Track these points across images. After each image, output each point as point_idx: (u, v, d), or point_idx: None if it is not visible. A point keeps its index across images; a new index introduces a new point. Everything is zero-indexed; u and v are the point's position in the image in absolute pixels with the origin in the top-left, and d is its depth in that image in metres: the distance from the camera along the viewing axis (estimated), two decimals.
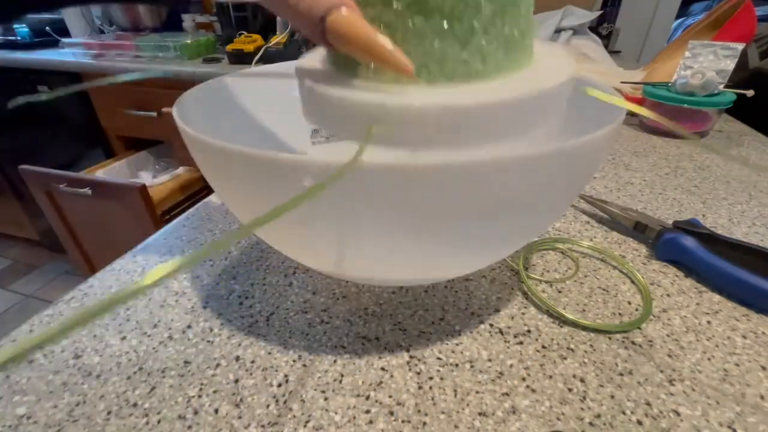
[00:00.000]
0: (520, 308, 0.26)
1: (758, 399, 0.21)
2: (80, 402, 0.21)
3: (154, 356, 0.23)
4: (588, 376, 0.22)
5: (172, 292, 0.28)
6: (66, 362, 0.23)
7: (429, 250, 0.19)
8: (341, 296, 0.27)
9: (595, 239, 0.33)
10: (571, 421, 0.19)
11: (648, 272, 0.30)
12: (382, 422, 0.20)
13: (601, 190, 0.41)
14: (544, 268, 0.30)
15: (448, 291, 0.28)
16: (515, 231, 0.21)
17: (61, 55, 1.18)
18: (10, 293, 1.53)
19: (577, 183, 0.20)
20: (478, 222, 0.18)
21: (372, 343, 0.24)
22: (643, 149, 0.52)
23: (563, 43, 0.85)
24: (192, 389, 0.21)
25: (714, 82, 0.51)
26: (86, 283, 0.29)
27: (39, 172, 0.99)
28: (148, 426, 0.19)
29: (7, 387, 0.21)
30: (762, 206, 0.38)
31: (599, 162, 0.21)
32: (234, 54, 1.05)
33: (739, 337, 0.24)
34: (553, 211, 0.23)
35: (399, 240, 0.18)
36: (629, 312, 0.26)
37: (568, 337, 0.24)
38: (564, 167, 0.17)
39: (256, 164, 0.16)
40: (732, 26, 0.61)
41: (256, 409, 0.20)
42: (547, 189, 0.18)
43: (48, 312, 0.26)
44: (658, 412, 0.20)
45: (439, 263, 0.21)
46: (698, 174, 0.45)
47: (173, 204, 1.06)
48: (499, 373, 0.22)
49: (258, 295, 0.27)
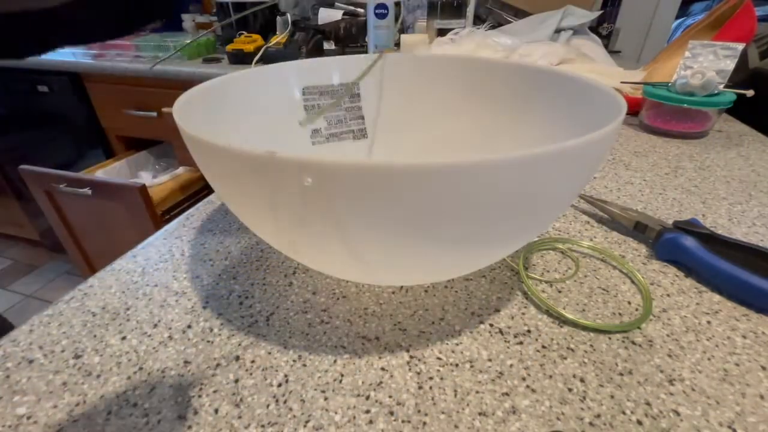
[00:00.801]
0: (520, 308, 0.26)
1: (758, 399, 0.21)
2: (80, 402, 0.21)
3: (154, 356, 0.23)
4: (588, 376, 0.22)
5: (172, 292, 0.28)
6: (66, 362, 0.23)
7: (428, 251, 0.19)
8: (341, 296, 0.27)
9: (595, 239, 0.33)
10: (571, 421, 0.19)
11: (648, 272, 0.30)
12: (382, 422, 0.20)
13: (601, 190, 0.41)
14: (544, 268, 0.30)
15: (448, 291, 0.28)
16: (515, 231, 0.21)
17: (61, 55, 1.18)
18: (10, 293, 1.53)
19: (577, 183, 0.20)
20: (477, 222, 0.18)
21: (372, 343, 0.24)
22: (643, 149, 0.52)
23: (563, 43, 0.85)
24: (192, 389, 0.21)
25: (714, 82, 0.51)
26: (86, 283, 0.29)
27: (39, 172, 0.99)
28: (148, 426, 0.19)
29: (7, 387, 0.21)
30: (762, 206, 0.38)
31: (599, 162, 0.21)
32: (234, 54, 1.05)
33: (739, 337, 0.24)
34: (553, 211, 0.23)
35: (398, 240, 0.18)
36: (629, 312, 0.26)
37: (568, 337, 0.24)
38: (564, 167, 0.17)
39: (256, 164, 0.16)
40: (732, 26, 0.61)
41: (256, 409, 0.20)
42: (546, 189, 0.18)
43: (48, 312, 0.26)
44: (658, 412, 0.20)
45: (438, 263, 0.21)
46: (698, 174, 0.45)
47: (173, 204, 1.06)
48: (499, 373, 0.22)
49: (258, 295, 0.27)
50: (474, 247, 0.21)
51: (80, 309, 0.26)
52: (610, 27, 1.11)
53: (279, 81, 0.33)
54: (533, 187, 0.17)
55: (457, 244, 0.19)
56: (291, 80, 0.34)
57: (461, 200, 0.16)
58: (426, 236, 0.18)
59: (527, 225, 0.21)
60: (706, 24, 0.64)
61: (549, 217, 0.22)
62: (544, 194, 0.18)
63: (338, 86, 0.35)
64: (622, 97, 0.22)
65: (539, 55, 0.71)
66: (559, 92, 0.29)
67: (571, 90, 0.28)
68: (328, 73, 0.35)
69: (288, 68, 0.34)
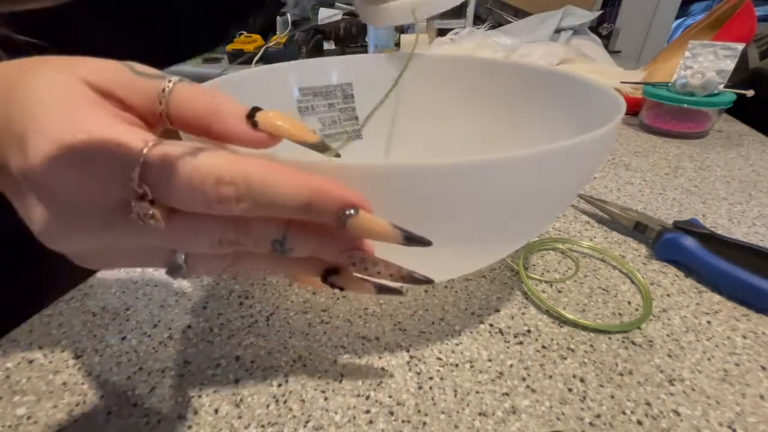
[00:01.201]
0: (520, 308, 0.26)
1: (758, 399, 0.21)
2: (80, 402, 0.21)
3: (154, 356, 0.23)
4: (588, 376, 0.22)
5: (172, 292, 0.28)
6: (66, 362, 0.23)
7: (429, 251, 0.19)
8: (341, 296, 0.27)
9: (595, 239, 0.33)
10: (571, 421, 0.19)
11: (648, 272, 0.30)
12: (382, 422, 0.20)
13: (601, 190, 0.41)
14: (544, 268, 0.30)
15: (448, 291, 0.28)
16: (514, 230, 0.21)
17: None
18: None
19: (576, 182, 0.20)
20: (475, 221, 0.18)
21: (372, 343, 0.24)
22: (643, 149, 0.52)
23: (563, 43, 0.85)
24: (192, 389, 0.21)
25: (714, 82, 0.51)
26: (86, 283, 0.29)
27: None
28: (148, 426, 0.19)
29: (7, 387, 0.21)
30: (762, 206, 0.38)
31: (598, 161, 0.21)
32: (234, 54, 1.05)
33: (739, 337, 0.24)
34: (553, 210, 0.23)
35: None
36: (629, 312, 0.26)
37: (568, 337, 0.24)
38: (562, 166, 0.17)
39: None
40: (732, 26, 0.61)
41: (256, 409, 0.20)
42: (545, 188, 0.18)
43: (48, 312, 0.26)
44: (658, 412, 0.20)
45: (437, 263, 0.21)
46: (698, 174, 0.45)
47: None
48: (499, 373, 0.22)
49: (258, 295, 0.27)
50: (473, 247, 0.21)
51: (80, 309, 0.26)
52: (610, 27, 1.11)
53: (278, 81, 0.33)
54: (531, 187, 0.17)
55: (456, 243, 0.19)
56: (291, 80, 0.34)
57: (459, 200, 0.16)
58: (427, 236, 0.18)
59: (526, 224, 0.21)
60: (706, 24, 0.64)
61: (548, 216, 0.22)
62: (543, 194, 0.18)
63: (335, 86, 0.35)
64: (622, 97, 0.22)
65: (539, 55, 0.71)
66: (558, 92, 0.29)
67: (571, 90, 0.28)
68: (327, 74, 0.35)
69: (287, 68, 0.34)
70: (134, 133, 0.13)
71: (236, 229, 0.14)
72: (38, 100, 0.13)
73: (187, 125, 0.14)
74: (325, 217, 0.14)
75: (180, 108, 0.14)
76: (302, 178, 0.13)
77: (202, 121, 0.14)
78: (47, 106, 0.12)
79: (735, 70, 0.52)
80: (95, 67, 0.14)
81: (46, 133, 0.12)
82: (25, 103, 0.13)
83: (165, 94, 0.14)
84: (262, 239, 0.14)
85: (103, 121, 0.13)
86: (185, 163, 0.12)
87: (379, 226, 0.14)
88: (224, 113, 0.14)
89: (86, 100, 0.13)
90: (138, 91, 0.14)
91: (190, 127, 0.14)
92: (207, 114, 0.14)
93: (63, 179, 0.12)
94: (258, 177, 0.13)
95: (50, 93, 0.13)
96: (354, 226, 0.14)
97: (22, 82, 0.13)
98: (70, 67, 0.13)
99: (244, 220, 0.14)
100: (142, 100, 0.14)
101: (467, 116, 0.36)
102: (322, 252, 0.16)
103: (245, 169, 0.13)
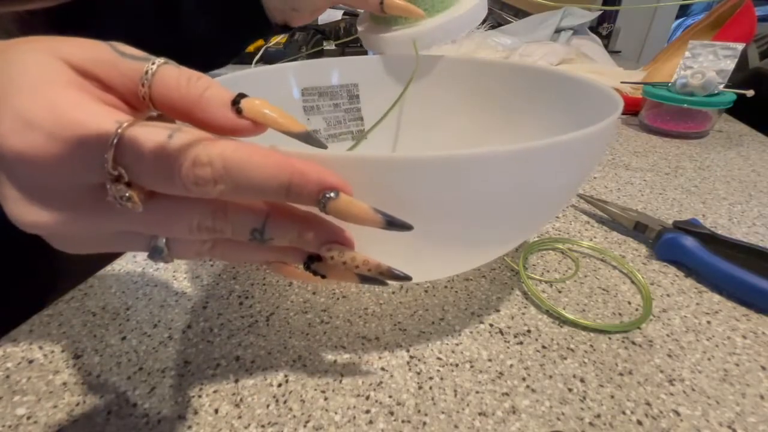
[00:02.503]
0: (520, 308, 0.26)
1: (758, 399, 0.21)
2: (80, 402, 0.21)
3: (154, 356, 0.23)
4: (588, 376, 0.22)
5: (172, 292, 0.28)
6: (66, 362, 0.23)
7: (424, 248, 0.19)
8: (341, 296, 0.27)
9: (595, 239, 0.33)
10: (571, 421, 0.19)
11: (648, 272, 0.30)
12: (382, 422, 0.20)
13: (601, 190, 0.41)
14: (544, 268, 0.30)
15: (448, 291, 0.28)
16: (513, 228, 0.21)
17: None
18: None
19: (571, 180, 0.20)
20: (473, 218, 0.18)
21: (372, 343, 0.24)
22: (643, 149, 0.52)
23: (563, 43, 0.85)
24: (192, 389, 0.21)
25: (714, 82, 0.51)
26: (86, 283, 0.29)
27: None
28: (148, 426, 0.19)
29: (7, 387, 0.21)
30: (762, 206, 0.38)
31: (595, 158, 0.21)
32: None
33: (739, 337, 0.24)
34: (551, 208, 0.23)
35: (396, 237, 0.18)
36: (629, 312, 0.26)
37: (568, 337, 0.24)
38: (558, 162, 0.17)
39: None
40: (732, 26, 0.61)
41: (256, 409, 0.20)
42: (541, 184, 0.18)
43: (48, 312, 0.26)
44: (658, 412, 0.20)
45: (435, 261, 0.21)
46: (698, 174, 0.45)
47: None
48: (499, 373, 0.22)
49: (258, 295, 0.27)
50: (471, 245, 0.21)
51: (80, 309, 0.26)
52: (610, 27, 1.11)
53: (278, 81, 0.33)
54: (528, 182, 0.17)
55: (453, 241, 0.19)
56: (291, 80, 0.34)
57: (457, 194, 0.16)
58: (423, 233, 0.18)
59: (525, 222, 0.21)
60: (706, 24, 0.64)
61: (547, 214, 0.22)
62: (540, 190, 0.18)
63: (338, 87, 0.35)
64: (620, 96, 0.22)
65: (539, 55, 0.71)
66: (557, 92, 0.29)
67: (571, 90, 0.28)
68: (328, 74, 0.35)
69: (287, 69, 0.34)
70: (108, 114, 0.12)
71: (214, 216, 0.14)
72: (12, 79, 0.12)
73: (170, 109, 0.14)
74: (305, 200, 0.14)
75: (162, 91, 0.13)
76: (282, 160, 0.13)
77: (184, 106, 0.14)
78: (21, 85, 0.12)
79: (735, 70, 0.52)
80: (77, 46, 0.13)
81: (16, 111, 0.12)
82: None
83: (148, 77, 0.13)
84: (240, 227, 0.14)
85: (75, 100, 0.12)
86: (160, 144, 0.12)
87: (359, 209, 0.14)
88: (208, 98, 0.14)
89: (62, 80, 0.13)
90: (120, 72, 0.13)
91: (173, 111, 0.14)
92: (190, 99, 0.14)
93: (32, 159, 0.12)
94: (236, 158, 0.12)
95: (25, 72, 0.12)
96: (334, 209, 0.14)
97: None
98: (52, 47, 0.13)
99: (223, 206, 0.14)
100: (124, 81, 0.14)
101: (466, 116, 0.36)
102: (301, 243, 0.15)
103: (223, 150, 0.12)
